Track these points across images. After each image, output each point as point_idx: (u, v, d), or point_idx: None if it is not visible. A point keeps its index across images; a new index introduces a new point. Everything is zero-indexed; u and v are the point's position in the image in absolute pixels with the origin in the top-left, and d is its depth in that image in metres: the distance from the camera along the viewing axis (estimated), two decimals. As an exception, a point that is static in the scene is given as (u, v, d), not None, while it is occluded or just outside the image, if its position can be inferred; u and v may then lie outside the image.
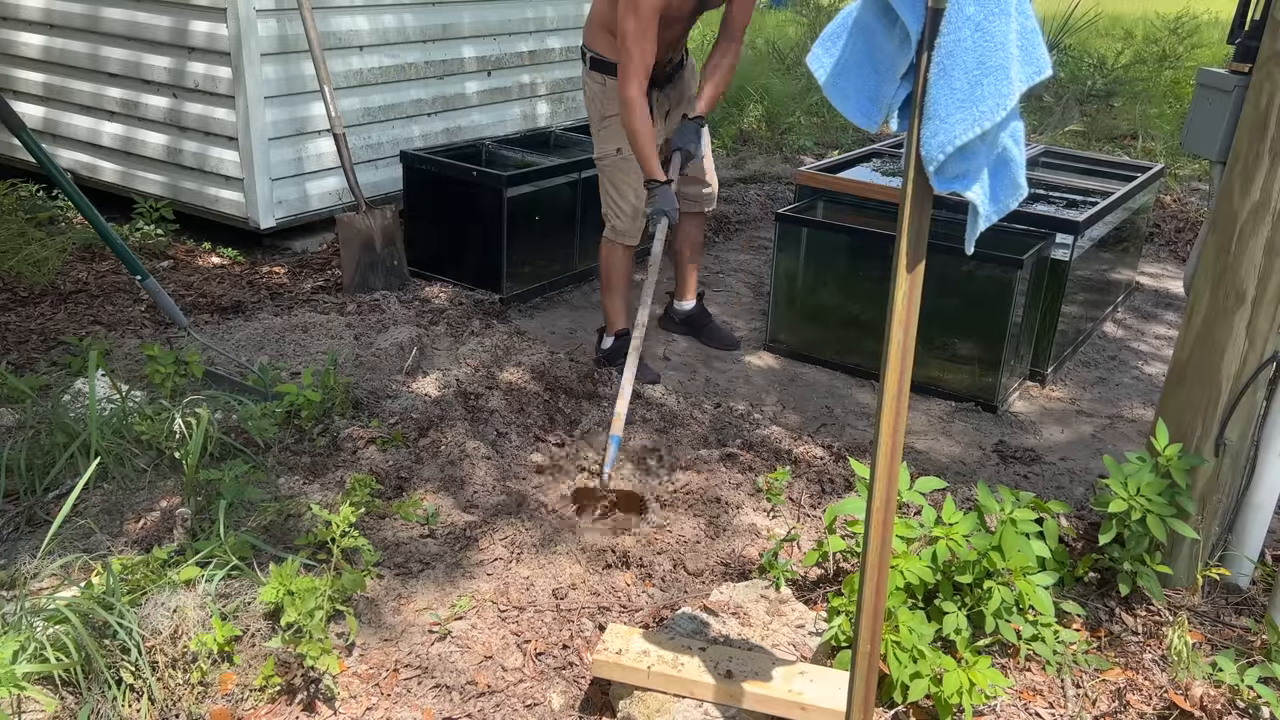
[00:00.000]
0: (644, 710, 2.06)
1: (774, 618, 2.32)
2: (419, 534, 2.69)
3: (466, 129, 5.27)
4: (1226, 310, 2.37)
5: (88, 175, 5.01)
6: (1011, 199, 1.50)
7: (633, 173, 3.58)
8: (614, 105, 3.55)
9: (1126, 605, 2.48)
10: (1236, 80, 2.89)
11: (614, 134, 3.60)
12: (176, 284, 4.33)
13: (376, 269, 4.34)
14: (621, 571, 2.62)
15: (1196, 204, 6.14)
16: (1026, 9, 1.39)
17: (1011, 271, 3.45)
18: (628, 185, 3.62)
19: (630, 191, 3.62)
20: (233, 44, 4.27)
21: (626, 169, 3.60)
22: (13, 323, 3.86)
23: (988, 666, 2.11)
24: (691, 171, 3.75)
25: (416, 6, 4.90)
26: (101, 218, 3.48)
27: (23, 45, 5.10)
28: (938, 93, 1.38)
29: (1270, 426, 2.47)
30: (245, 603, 2.28)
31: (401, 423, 3.13)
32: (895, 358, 1.50)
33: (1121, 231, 4.34)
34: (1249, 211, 2.29)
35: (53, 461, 2.76)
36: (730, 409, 3.48)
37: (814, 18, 10.33)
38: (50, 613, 2.11)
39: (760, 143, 7.30)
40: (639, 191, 3.57)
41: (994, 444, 3.40)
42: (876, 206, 3.97)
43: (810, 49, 1.53)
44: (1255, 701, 2.16)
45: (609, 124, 3.62)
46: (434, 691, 2.20)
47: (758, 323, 4.30)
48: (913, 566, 2.21)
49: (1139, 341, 4.35)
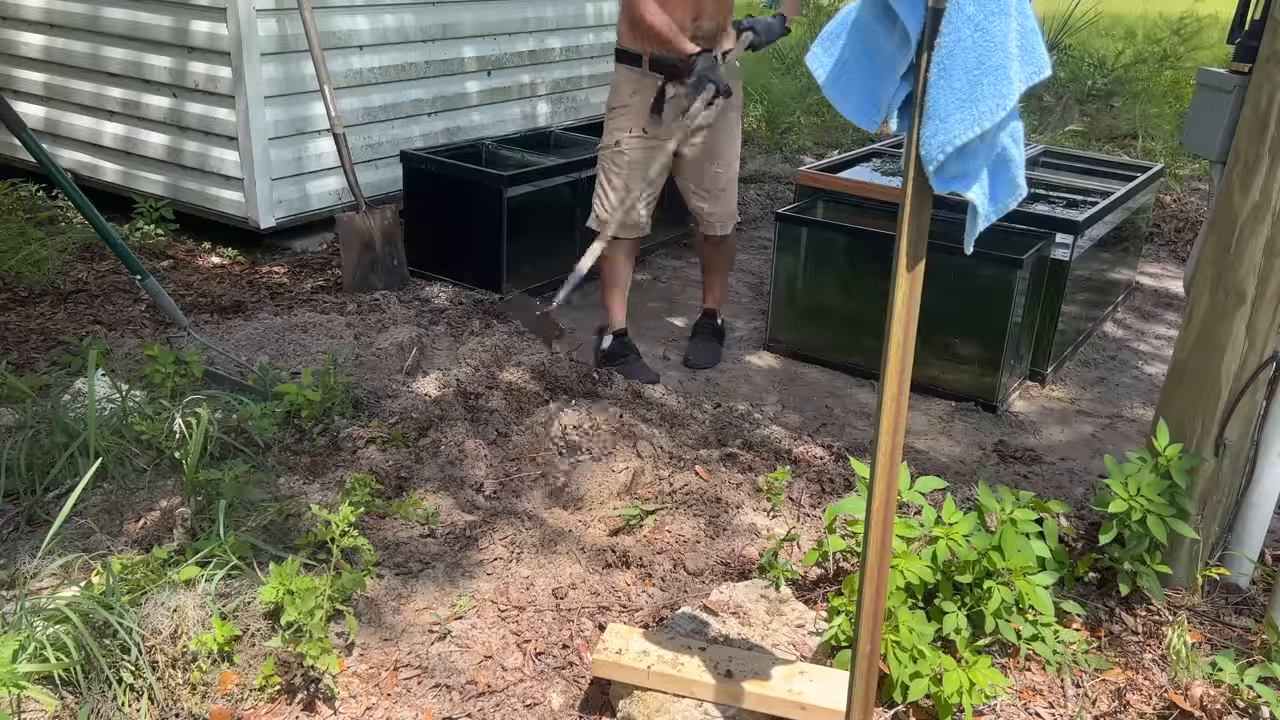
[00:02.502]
0: (644, 710, 2.06)
1: (774, 617, 2.32)
2: (419, 534, 2.69)
3: (466, 129, 5.27)
4: (1226, 310, 2.37)
5: (88, 175, 5.01)
6: (1010, 199, 1.50)
7: (625, 168, 3.63)
8: (620, 96, 3.62)
9: (1126, 605, 2.48)
10: (1236, 80, 2.89)
11: (616, 125, 3.65)
12: (176, 284, 4.33)
13: (376, 269, 4.34)
14: (621, 571, 2.62)
15: (1196, 204, 6.14)
16: (1026, 9, 1.39)
17: (1011, 271, 3.45)
18: (618, 178, 3.67)
19: (619, 185, 3.67)
20: (233, 44, 4.27)
21: (620, 163, 3.64)
22: (13, 322, 3.86)
23: (988, 666, 2.11)
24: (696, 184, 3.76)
25: (416, 6, 4.90)
26: (101, 217, 3.48)
27: (23, 45, 5.10)
28: (937, 92, 1.38)
29: (1270, 426, 2.47)
30: (245, 602, 2.28)
31: (401, 422, 3.13)
32: (895, 357, 1.50)
33: (1121, 231, 4.34)
34: (1249, 211, 2.29)
35: (53, 461, 2.75)
36: (730, 409, 3.48)
37: (814, 17, 10.31)
38: (50, 612, 2.11)
39: (760, 143, 7.30)
40: (629, 188, 3.62)
41: (994, 444, 3.40)
42: (876, 206, 3.97)
43: (810, 48, 1.53)
44: (1255, 701, 2.16)
45: (615, 114, 3.66)
46: (434, 691, 2.20)
47: (758, 323, 4.30)
48: (913, 566, 2.21)
49: (1139, 341, 4.35)
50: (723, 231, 3.87)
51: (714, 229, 3.87)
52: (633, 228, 3.71)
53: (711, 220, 3.84)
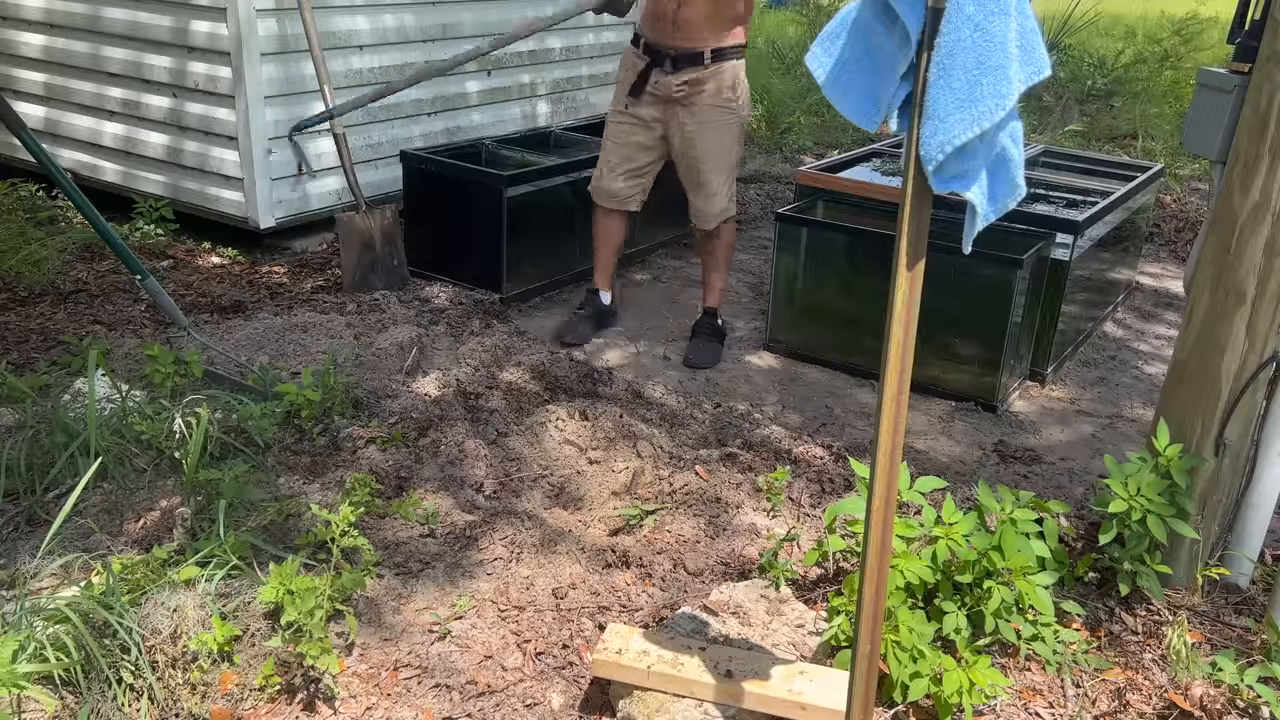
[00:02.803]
0: (644, 710, 2.06)
1: (774, 617, 2.32)
2: (419, 534, 2.69)
3: (466, 129, 5.27)
4: (1226, 310, 2.37)
5: (88, 175, 5.00)
6: (1010, 199, 1.50)
7: (607, 139, 3.92)
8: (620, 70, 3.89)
9: (1126, 605, 2.48)
10: (1236, 80, 2.88)
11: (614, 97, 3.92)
12: (176, 284, 4.33)
13: (376, 269, 4.34)
14: (621, 571, 2.62)
15: (1196, 204, 6.14)
16: (1026, 9, 1.40)
17: (1011, 271, 3.45)
18: (608, 142, 3.93)
19: (608, 150, 3.93)
20: (233, 44, 4.27)
21: (609, 132, 3.91)
22: (13, 322, 3.86)
23: (988, 666, 2.11)
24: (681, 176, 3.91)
25: (416, 6, 4.90)
26: (101, 217, 3.48)
27: (23, 45, 5.10)
28: (937, 92, 1.38)
29: (1270, 426, 2.47)
30: (245, 602, 2.28)
31: (401, 422, 3.13)
32: (895, 357, 1.50)
33: (1121, 231, 4.34)
34: (1249, 211, 2.29)
35: (53, 461, 2.75)
36: (730, 409, 3.48)
37: (814, 17, 10.32)
38: (50, 612, 2.11)
39: (760, 143, 7.30)
40: (606, 157, 3.92)
41: (994, 444, 3.40)
42: (876, 206, 3.97)
43: (810, 48, 1.53)
44: (1255, 701, 2.16)
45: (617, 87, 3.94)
46: (434, 691, 2.20)
47: (758, 323, 4.30)
48: (913, 566, 2.21)
49: (1139, 341, 4.35)
50: (705, 225, 3.94)
51: (697, 222, 3.98)
52: (608, 196, 3.98)
53: (694, 214, 3.97)
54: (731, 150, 3.85)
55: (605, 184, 3.95)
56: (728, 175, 3.88)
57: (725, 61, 3.72)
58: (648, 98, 3.78)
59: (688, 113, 3.75)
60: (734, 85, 3.77)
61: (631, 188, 3.96)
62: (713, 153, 3.80)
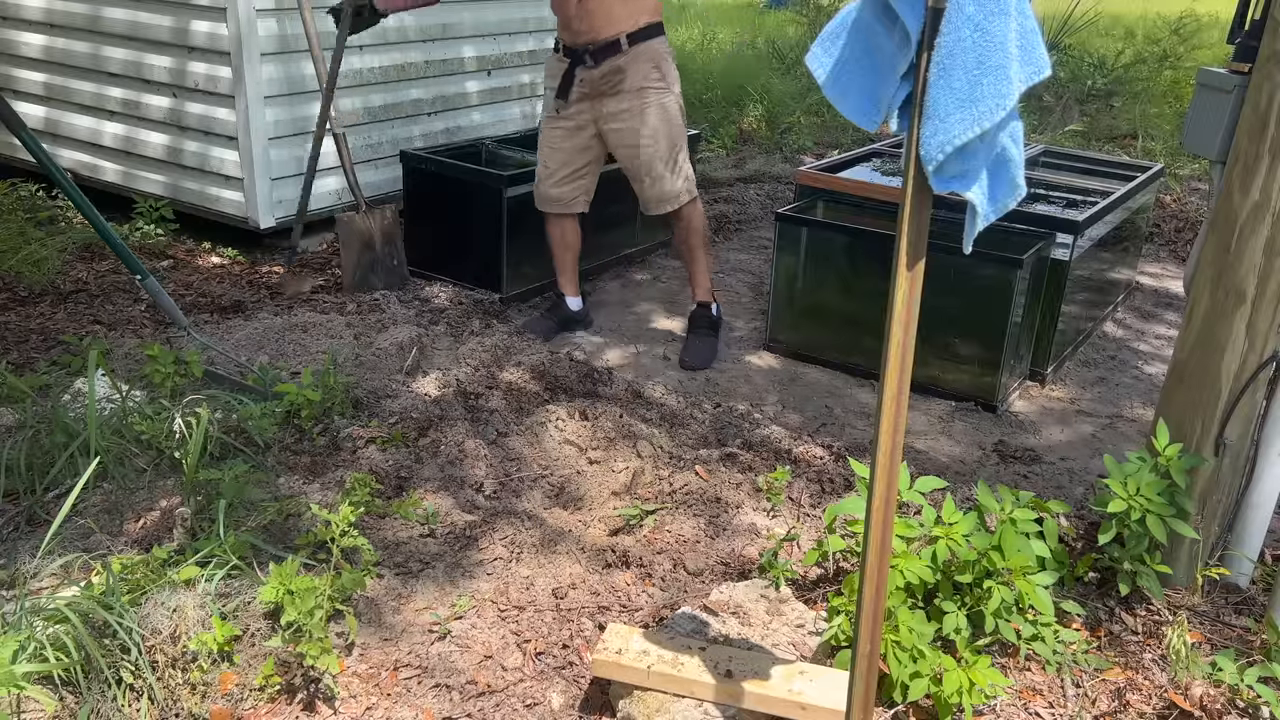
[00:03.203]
0: (644, 710, 2.06)
1: (774, 617, 2.32)
2: (419, 534, 2.69)
3: (466, 129, 5.27)
4: (1226, 310, 2.37)
5: (88, 175, 5.01)
6: (1010, 199, 1.50)
7: (547, 144, 3.89)
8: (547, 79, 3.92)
9: (1126, 605, 2.48)
10: (1236, 80, 2.89)
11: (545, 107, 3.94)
12: (176, 284, 4.33)
13: (376, 269, 4.34)
14: (621, 571, 2.62)
15: (1196, 204, 6.14)
16: (1026, 9, 1.39)
17: (1011, 271, 3.45)
18: (544, 149, 3.92)
19: (545, 156, 3.92)
20: (233, 44, 4.27)
21: (544, 139, 3.91)
22: (13, 322, 3.86)
23: (987, 666, 2.11)
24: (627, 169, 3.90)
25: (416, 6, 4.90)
26: (101, 217, 3.48)
27: (23, 45, 5.10)
28: (937, 92, 1.38)
29: (1270, 426, 2.47)
30: (245, 602, 2.28)
31: (401, 422, 3.13)
32: (895, 357, 1.50)
33: (1121, 231, 4.34)
34: (1249, 211, 2.29)
35: (53, 461, 2.76)
36: (730, 409, 3.48)
37: (814, 17, 10.32)
38: (50, 612, 2.11)
39: (760, 143, 7.30)
40: (545, 163, 3.91)
41: (994, 444, 3.40)
42: (876, 206, 3.97)
43: (810, 48, 1.53)
44: (1255, 701, 2.16)
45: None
46: (434, 691, 2.20)
47: (758, 323, 4.30)
48: (913, 566, 2.21)
49: (1139, 341, 4.35)
50: (654, 211, 3.94)
51: (646, 210, 3.97)
52: (552, 202, 3.97)
53: (642, 204, 3.96)
54: (667, 131, 3.76)
55: (546, 190, 3.93)
56: (669, 157, 3.79)
57: (642, 43, 3.69)
58: (576, 96, 3.76)
59: (615, 101, 3.72)
60: (657, 65, 3.73)
61: (574, 190, 3.94)
62: (646, 137, 3.75)
